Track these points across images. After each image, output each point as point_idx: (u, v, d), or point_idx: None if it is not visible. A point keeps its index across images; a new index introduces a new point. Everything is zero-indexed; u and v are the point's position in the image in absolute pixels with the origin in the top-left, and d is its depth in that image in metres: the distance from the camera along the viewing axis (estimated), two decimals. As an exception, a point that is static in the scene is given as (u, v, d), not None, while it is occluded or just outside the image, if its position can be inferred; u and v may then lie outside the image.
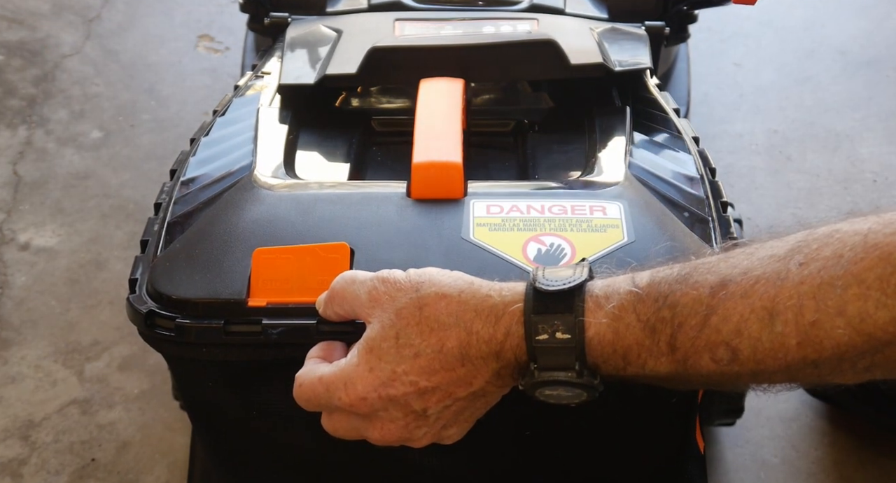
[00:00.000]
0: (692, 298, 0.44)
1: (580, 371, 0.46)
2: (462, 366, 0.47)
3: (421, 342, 0.47)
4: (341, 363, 0.49)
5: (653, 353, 0.44)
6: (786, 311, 0.41)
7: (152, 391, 0.95)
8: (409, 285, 0.48)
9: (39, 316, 1.02)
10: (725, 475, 0.88)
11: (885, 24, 1.42)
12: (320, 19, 0.81)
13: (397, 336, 0.47)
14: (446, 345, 0.46)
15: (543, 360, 0.46)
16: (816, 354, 0.42)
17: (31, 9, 1.44)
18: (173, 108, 1.29)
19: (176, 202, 0.61)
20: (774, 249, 0.43)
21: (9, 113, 1.27)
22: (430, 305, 0.47)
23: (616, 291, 0.45)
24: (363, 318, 0.49)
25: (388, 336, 0.47)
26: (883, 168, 1.19)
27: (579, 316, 0.45)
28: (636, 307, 0.44)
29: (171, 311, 0.54)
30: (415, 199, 0.59)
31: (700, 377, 0.45)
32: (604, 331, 0.45)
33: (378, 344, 0.47)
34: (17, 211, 1.14)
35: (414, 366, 0.47)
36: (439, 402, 0.48)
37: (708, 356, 0.43)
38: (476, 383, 0.47)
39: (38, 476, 0.88)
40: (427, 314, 0.47)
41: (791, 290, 0.41)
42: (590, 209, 0.58)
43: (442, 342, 0.46)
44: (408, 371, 0.47)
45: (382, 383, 0.47)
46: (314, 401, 0.50)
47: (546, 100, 0.75)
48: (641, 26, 0.81)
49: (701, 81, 1.30)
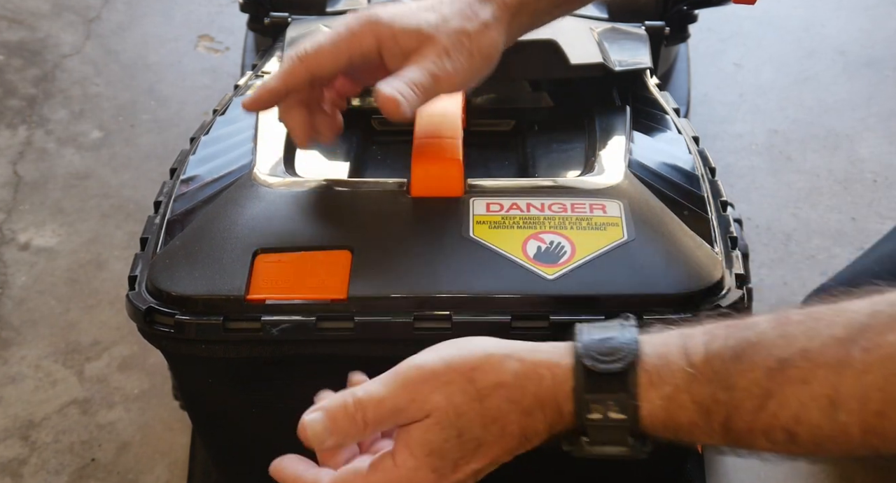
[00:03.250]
0: (749, 381, 0.42)
1: (633, 446, 0.45)
2: (520, 445, 0.47)
3: (483, 433, 0.46)
4: (387, 466, 0.46)
5: (706, 432, 0.44)
6: (849, 401, 0.40)
7: (152, 391, 0.95)
8: (459, 376, 0.46)
9: (39, 316, 1.02)
10: (725, 475, 0.88)
11: (885, 24, 1.42)
12: (320, 19, 0.81)
13: (460, 434, 0.46)
14: (507, 429, 0.46)
15: (595, 435, 0.46)
16: (881, 442, 0.41)
17: (31, 9, 1.44)
18: (173, 108, 1.29)
19: (176, 200, 0.61)
20: (834, 328, 0.42)
21: (9, 113, 1.27)
22: (490, 397, 0.46)
23: (669, 370, 0.44)
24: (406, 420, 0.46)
25: (451, 436, 0.46)
26: (883, 168, 1.19)
27: (632, 399, 0.44)
28: (690, 388, 0.43)
29: (171, 308, 0.54)
30: (415, 197, 0.59)
31: (754, 453, 0.44)
32: (657, 411, 0.44)
33: (440, 445, 0.46)
34: (17, 211, 1.14)
35: (476, 455, 0.46)
36: (488, 468, 0.47)
37: (764, 438, 0.43)
38: (523, 449, 0.47)
39: (38, 476, 0.88)
40: (488, 405, 0.46)
41: (854, 379, 0.40)
42: (589, 207, 0.58)
43: (503, 428, 0.46)
44: (470, 461, 0.46)
45: (443, 476, 0.46)
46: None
47: (546, 99, 0.75)
48: (641, 26, 0.81)
49: (701, 81, 1.30)
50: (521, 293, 0.53)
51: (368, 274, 0.54)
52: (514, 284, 0.54)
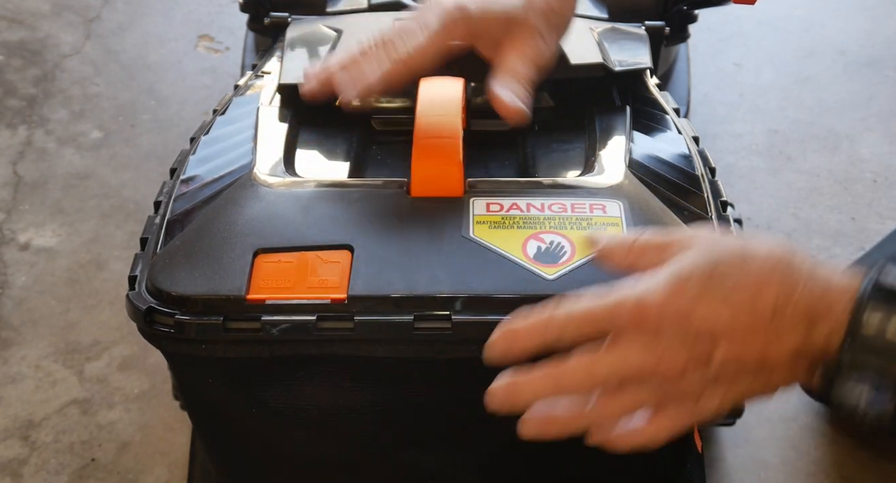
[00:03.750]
0: None
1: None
2: (769, 322, 0.44)
3: (733, 288, 0.44)
4: (625, 284, 0.46)
5: None
6: None
7: (152, 391, 0.95)
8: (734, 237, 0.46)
9: (39, 316, 1.02)
10: (725, 475, 0.88)
11: (885, 24, 1.42)
12: (320, 19, 0.81)
13: (711, 275, 0.44)
14: (762, 295, 0.44)
15: (861, 356, 0.43)
16: None
17: (31, 9, 1.44)
18: (173, 108, 1.29)
19: (176, 200, 0.61)
20: None
21: (9, 113, 1.27)
22: (757, 259, 0.44)
23: None
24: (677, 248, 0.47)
25: (703, 273, 0.44)
26: (883, 168, 1.19)
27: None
28: None
29: (171, 308, 0.54)
30: (415, 197, 0.59)
31: None
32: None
33: (689, 273, 0.45)
34: (17, 211, 1.14)
35: (720, 305, 0.44)
36: (727, 353, 0.45)
37: None
38: (771, 351, 0.44)
39: (38, 476, 0.88)
40: (752, 265, 0.44)
41: None
42: (590, 207, 0.58)
43: (758, 291, 0.44)
44: (710, 306, 0.44)
45: (681, 307, 0.44)
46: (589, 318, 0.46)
47: (546, 99, 0.75)
48: (641, 26, 0.81)
49: (701, 81, 1.30)
50: (521, 293, 0.53)
51: (368, 274, 0.54)
52: (514, 284, 0.54)
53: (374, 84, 0.56)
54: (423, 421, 0.60)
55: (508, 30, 0.55)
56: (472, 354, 0.54)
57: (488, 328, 0.52)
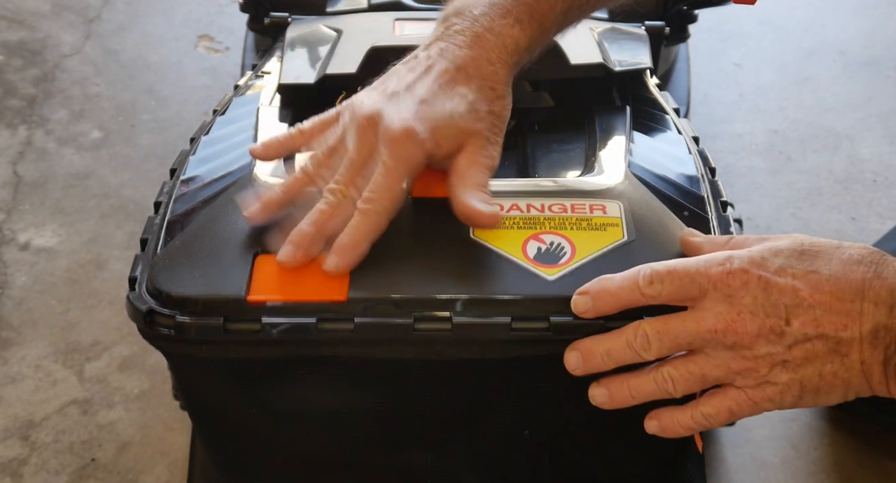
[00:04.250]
0: None
1: None
2: (851, 301, 0.45)
3: (823, 264, 0.45)
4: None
5: None
6: None
7: (152, 391, 0.95)
8: None
9: (39, 316, 1.02)
10: (725, 475, 0.88)
11: (886, 24, 1.42)
12: (320, 19, 0.81)
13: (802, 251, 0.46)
14: (849, 275, 0.45)
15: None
16: None
17: (31, 9, 1.44)
18: (173, 108, 1.29)
19: (176, 200, 0.61)
20: None
21: (9, 113, 1.27)
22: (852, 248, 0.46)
23: None
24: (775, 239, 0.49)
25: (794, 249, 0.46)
26: (883, 168, 1.19)
27: None
28: None
29: (171, 309, 0.54)
30: (415, 198, 0.59)
31: None
32: None
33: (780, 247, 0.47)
34: (17, 211, 1.14)
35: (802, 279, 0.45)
36: (804, 325, 0.45)
37: None
38: (849, 329, 0.45)
39: (38, 476, 0.88)
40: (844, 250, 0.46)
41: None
42: (589, 208, 0.58)
43: (846, 272, 0.45)
44: (794, 278, 0.45)
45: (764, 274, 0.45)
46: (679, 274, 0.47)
47: (546, 99, 0.75)
48: (641, 26, 0.81)
49: (701, 81, 1.30)
50: (521, 294, 0.53)
51: (368, 275, 0.54)
52: (514, 285, 0.54)
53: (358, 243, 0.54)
54: (423, 421, 0.60)
55: (458, 141, 0.56)
56: (472, 355, 0.54)
57: (488, 329, 0.52)
